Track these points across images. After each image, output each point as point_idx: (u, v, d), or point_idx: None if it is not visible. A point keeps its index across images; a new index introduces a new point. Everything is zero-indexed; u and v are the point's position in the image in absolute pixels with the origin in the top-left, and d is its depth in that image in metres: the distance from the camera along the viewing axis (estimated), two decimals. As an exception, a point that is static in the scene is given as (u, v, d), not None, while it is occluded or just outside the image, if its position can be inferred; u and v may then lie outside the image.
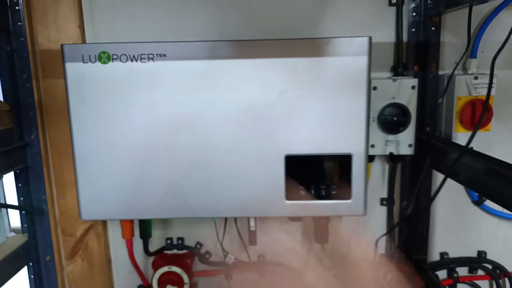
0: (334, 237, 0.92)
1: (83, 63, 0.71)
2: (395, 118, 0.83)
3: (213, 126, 0.73)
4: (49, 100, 0.92)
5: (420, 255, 0.97)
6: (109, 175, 0.74)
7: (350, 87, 0.71)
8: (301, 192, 0.76)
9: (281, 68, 0.71)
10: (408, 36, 0.88)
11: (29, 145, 0.93)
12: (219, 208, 0.76)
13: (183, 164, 0.74)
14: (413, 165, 0.93)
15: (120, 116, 0.72)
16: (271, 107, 0.72)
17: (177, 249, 1.00)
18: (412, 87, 0.82)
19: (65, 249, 0.99)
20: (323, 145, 0.74)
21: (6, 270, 0.89)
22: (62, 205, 0.96)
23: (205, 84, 0.71)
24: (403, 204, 0.96)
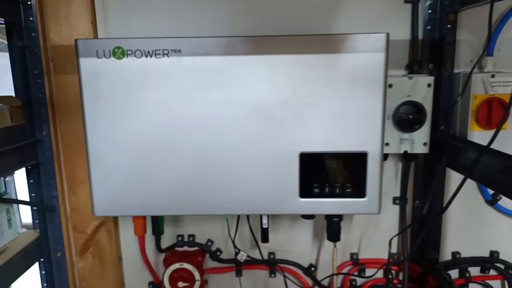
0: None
1: (97, 58, 0.70)
2: (410, 116, 0.82)
3: (227, 123, 0.72)
4: (60, 97, 0.91)
5: (432, 255, 0.96)
6: (122, 172, 0.74)
7: (367, 84, 0.70)
8: (315, 190, 0.75)
9: (297, 65, 0.70)
10: (424, 33, 0.87)
11: (40, 142, 0.93)
12: (232, 205, 0.76)
13: (197, 161, 0.74)
14: (426, 164, 0.92)
15: (134, 112, 0.72)
16: (285, 104, 0.71)
17: (188, 246, 1.00)
18: (428, 85, 0.81)
19: (76, 245, 0.99)
20: (338, 143, 0.73)
21: (18, 265, 0.89)
22: (73, 202, 0.96)
23: (219, 80, 0.71)
24: (416, 203, 0.95)
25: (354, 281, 1.01)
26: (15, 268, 0.88)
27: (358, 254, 0.99)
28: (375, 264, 0.99)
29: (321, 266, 1.01)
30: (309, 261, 1.01)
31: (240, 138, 0.72)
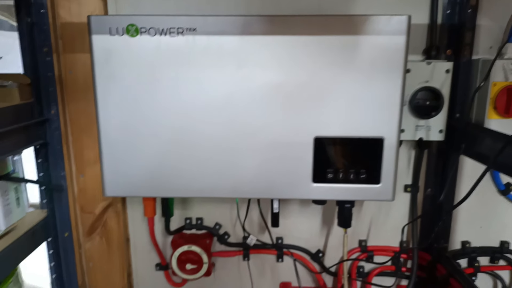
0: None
1: (110, 35, 0.69)
2: (427, 103, 0.80)
3: (241, 104, 0.71)
4: (69, 76, 0.89)
5: (441, 243, 0.95)
6: (134, 152, 0.73)
7: (386, 68, 0.69)
8: (329, 175, 0.74)
9: (314, 46, 0.68)
10: (443, 18, 0.84)
11: (48, 121, 0.92)
12: (243, 188, 0.75)
13: (209, 142, 0.72)
14: (440, 152, 0.90)
15: (146, 91, 0.70)
16: (302, 87, 0.70)
17: (196, 229, 0.99)
18: (447, 70, 0.80)
19: (84, 226, 0.98)
20: (354, 128, 0.72)
21: (26, 244, 0.88)
22: (81, 182, 0.95)
23: (235, 60, 0.69)
24: (428, 191, 0.94)
25: (362, 267, 1.00)
26: (23, 247, 0.87)
27: (367, 241, 0.99)
28: (383, 251, 0.98)
29: (329, 252, 1.00)
30: (317, 246, 1.00)
31: (254, 120, 0.71)
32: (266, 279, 1.03)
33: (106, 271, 1.02)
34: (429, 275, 0.94)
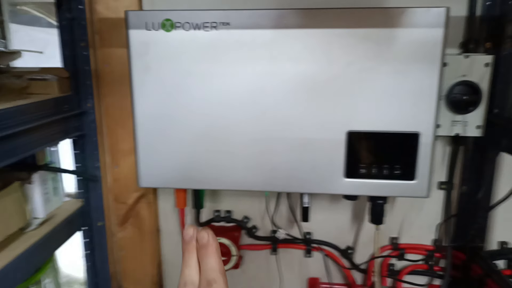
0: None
1: (146, 30, 0.70)
2: (465, 97, 0.78)
3: (274, 97, 0.71)
4: (105, 69, 0.92)
5: (477, 243, 0.93)
6: (168, 144, 0.74)
7: (422, 61, 0.67)
8: (361, 170, 0.73)
9: (349, 39, 0.67)
10: (482, 9, 0.82)
11: (85, 113, 0.95)
12: (274, 182, 0.75)
13: (242, 135, 0.73)
14: (476, 148, 0.87)
15: (181, 85, 0.71)
16: (335, 80, 0.69)
17: (225, 221, 1.00)
18: (486, 64, 0.77)
19: (117, 216, 1.01)
20: (389, 122, 0.70)
21: (63, 233, 0.92)
22: (116, 173, 0.98)
23: (268, 54, 0.69)
24: (463, 188, 0.91)
25: (393, 265, 0.99)
26: (60, 235, 0.91)
27: (398, 238, 0.97)
28: (415, 249, 0.97)
29: (359, 249, 0.99)
30: (347, 243, 1.00)
31: (286, 113, 0.71)
32: (294, 273, 1.03)
33: (137, 260, 1.04)
34: (464, 275, 0.91)
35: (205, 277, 0.37)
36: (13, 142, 0.70)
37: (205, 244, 0.38)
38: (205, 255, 0.38)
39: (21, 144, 0.73)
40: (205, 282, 0.36)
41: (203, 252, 0.38)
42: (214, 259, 0.38)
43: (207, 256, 0.38)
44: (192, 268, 0.38)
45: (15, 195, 0.80)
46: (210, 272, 0.37)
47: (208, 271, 0.37)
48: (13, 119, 0.70)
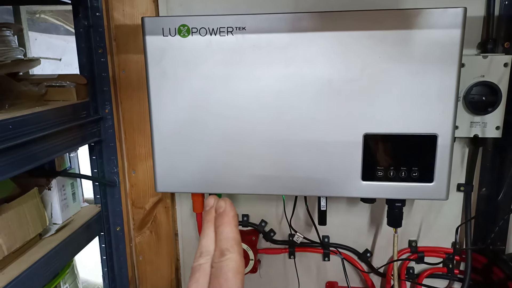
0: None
1: (163, 36, 0.71)
2: (483, 98, 0.77)
3: (291, 101, 0.71)
4: (123, 75, 0.93)
5: (498, 245, 0.91)
6: (185, 149, 0.75)
7: (440, 63, 0.66)
8: (379, 173, 0.72)
9: (366, 41, 0.67)
10: (500, 9, 0.81)
11: (103, 119, 0.96)
12: (291, 186, 0.75)
13: (258, 140, 0.73)
14: (496, 149, 0.86)
15: (198, 90, 0.72)
16: (352, 83, 0.69)
17: (242, 225, 1.00)
18: (505, 64, 0.76)
19: (135, 220, 1.02)
20: (406, 124, 0.70)
21: (82, 238, 0.93)
22: (133, 178, 0.99)
23: (284, 58, 0.69)
24: (482, 191, 0.90)
25: (412, 269, 0.98)
26: (78, 240, 0.92)
27: (417, 241, 0.96)
28: (434, 252, 0.95)
29: (377, 252, 0.98)
30: (365, 246, 0.99)
31: (303, 117, 0.71)
32: (312, 277, 1.03)
33: (155, 265, 1.05)
34: (485, 279, 0.90)
35: (219, 246, 0.36)
36: (31, 149, 0.72)
37: (221, 213, 0.37)
38: (221, 224, 0.37)
39: (39, 151, 0.74)
40: (219, 251, 0.35)
41: (219, 221, 0.37)
42: (229, 228, 0.36)
43: (223, 225, 0.36)
44: (209, 238, 0.37)
45: (33, 201, 0.82)
46: (225, 241, 0.35)
47: (223, 240, 0.36)
48: (31, 126, 0.72)
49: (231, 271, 0.33)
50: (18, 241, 0.75)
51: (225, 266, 0.34)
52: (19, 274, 0.71)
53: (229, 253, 0.34)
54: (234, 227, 0.37)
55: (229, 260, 0.34)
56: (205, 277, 0.34)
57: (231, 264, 0.34)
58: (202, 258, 0.36)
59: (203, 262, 0.35)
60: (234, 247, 0.35)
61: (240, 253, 0.35)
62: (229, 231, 0.36)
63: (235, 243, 0.35)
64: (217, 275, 0.34)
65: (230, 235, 0.36)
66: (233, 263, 0.34)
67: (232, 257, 0.34)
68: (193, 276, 0.35)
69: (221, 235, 0.36)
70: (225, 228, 0.36)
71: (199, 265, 0.35)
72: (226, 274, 0.33)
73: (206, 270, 0.35)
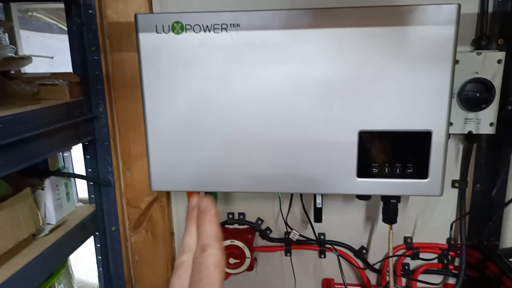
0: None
1: (156, 33, 0.70)
2: (477, 95, 0.77)
3: (286, 99, 0.70)
4: (116, 74, 0.92)
5: (492, 241, 0.91)
6: (179, 147, 0.74)
7: (434, 59, 0.66)
8: (374, 170, 0.73)
9: (360, 38, 0.67)
10: (494, 6, 0.81)
11: (97, 118, 0.95)
12: (287, 183, 0.75)
13: (253, 138, 0.73)
14: (490, 146, 0.87)
15: (192, 88, 0.71)
16: (347, 80, 0.69)
17: (238, 224, 1.00)
18: (498, 61, 0.76)
19: (130, 220, 1.02)
20: (401, 121, 0.70)
21: (76, 238, 0.92)
22: (128, 178, 0.98)
23: (279, 55, 0.69)
24: (477, 187, 0.90)
25: (407, 265, 0.98)
26: (73, 240, 0.91)
27: (413, 238, 0.96)
28: (430, 248, 0.96)
29: (373, 249, 0.99)
30: (360, 243, 0.99)
31: (298, 114, 0.71)
32: (308, 274, 1.03)
33: (151, 264, 1.05)
34: (480, 274, 0.90)
35: (200, 243, 0.37)
36: (23, 148, 0.71)
37: (203, 211, 0.39)
38: (202, 222, 0.38)
39: (31, 150, 0.73)
40: (200, 247, 0.37)
41: (201, 219, 0.38)
42: (210, 225, 0.38)
43: (204, 223, 0.38)
44: (191, 236, 0.39)
45: (26, 201, 0.81)
46: (206, 238, 0.37)
47: (204, 237, 0.37)
48: (23, 125, 0.71)
49: (212, 265, 0.35)
50: (10, 242, 0.74)
51: (206, 261, 0.35)
52: (12, 274, 0.70)
53: (210, 248, 0.36)
54: (215, 224, 0.38)
55: (210, 255, 0.35)
56: (187, 272, 0.36)
57: (212, 258, 0.35)
58: (185, 255, 0.37)
59: (186, 258, 0.37)
60: (215, 243, 0.36)
61: (220, 249, 0.36)
62: (210, 228, 0.38)
63: (216, 239, 0.37)
64: (198, 269, 0.35)
65: (211, 231, 0.37)
66: (214, 257, 0.35)
67: (212, 252, 0.36)
68: (176, 272, 0.36)
69: (203, 232, 0.38)
70: (206, 225, 0.38)
71: (181, 261, 0.37)
72: (207, 268, 0.35)
73: (188, 266, 0.36)
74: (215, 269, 0.35)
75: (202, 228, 0.38)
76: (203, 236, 0.37)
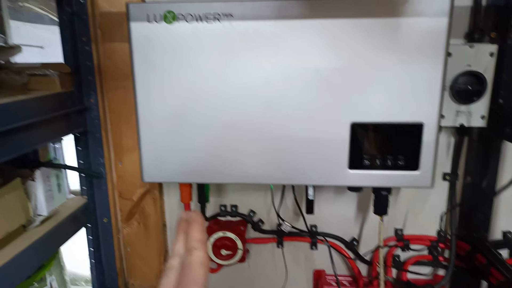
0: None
1: (148, 22, 0.70)
2: (469, 87, 0.78)
3: (278, 90, 0.70)
4: (108, 64, 0.92)
5: (481, 233, 0.92)
6: (171, 138, 0.74)
7: (426, 51, 0.67)
8: (365, 161, 0.73)
9: (353, 29, 0.67)
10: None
11: (88, 109, 0.94)
12: (279, 175, 0.75)
13: (245, 129, 0.73)
14: (481, 139, 0.87)
15: (184, 78, 0.71)
16: (339, 72, 0.69)
17: (231, 216, 1.00)
18: (491, 54, 0.77)
19: (122, 212, 1.01)
20: (392, 113, 0.70)
21: (67, 229, 0.92)
22: (120, 169, 0.98)
23: (272, 46, 0.69)
24: (467, 179, 0.91)
25: (398, 256, 0.99)
26: (64, 231, 0.91)
27: (403, 230, 0.97)
28: (420, 240, 0.97)
29: (364, 241, 0.99)
30: (352, 235, 1.00)
31: (290, 105, 0.71)
32: (300, 266, 1.04)
33: (143, 256, 1.04)
34: (469, 265, 0.91)
35: (188, 246, 0.42)
36: (13, 138, 0.70)
37: (191, 221, 0.45)
38: (190, 230, 0.44)
39: (21, 140, 0.73)
40: (187, 250, 0.42)
41: (189, 228, 0.44)
42: (197, 232, 0.43)
43: (191, 230, 0.43)
44: (180, 243, 0.44)
45: (16, 192, 0.80)
46: (192, 242, 0.42)
47: (191, 241, 0.42)
48: (13, 114, 0.70)
49: (197, 263, 0.40)
50: (0, 232, 0.74)
51: (192, 260, 0.40)
52: (2, 265, 0.70)
53: (196, 250, 0.41)
54: (201, 231, 0.44)
55: (195, 255, 0.41)
56: (174, 274, 0.41)
57: (197, 258, 0.40)
58: (174, 259, 0.42)
59: (174, 262, 0.42)
60: (201, 246, 0.42)
61: (205, 251, 0.42)
62: (196, 234, 0.43)
63: (202, 243, 0.43)
64: (184, 267, 0.40)
65: (197, 237, 0.43)
66: (199, 257, 0.40)
67: (198, 253, 0.41)
68: (165, 274, 0.41)
69: (190, 238, 0.43)
70: (193, 232, 0.44)
71: (170, 265, 0.42)
72: (192, 265, 0.40)
73: (176, 269, 0.41)
74: (200, 266, 0.40)
75: (190, 235, 0.43)
76: (190, 241, 0.43)
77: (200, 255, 0.41)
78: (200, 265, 0.40)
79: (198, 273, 0.39)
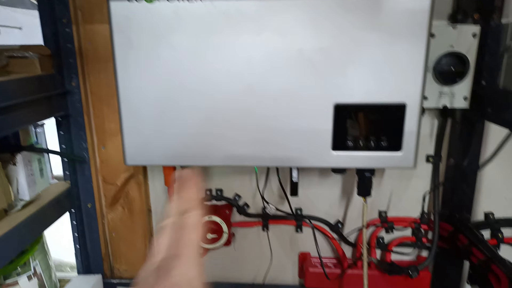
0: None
1: (128, 1, 0.68)
2: (452, 68, 0.78)
3: (261, 70, 0.70)
4: (89, 47, 0.90)
5: (463, 214, 0.94)
6: (153, 120, 0.73)
7: (409, 31, 0.66)
8: (349, 143, 0.73)
9: (335, 9, 0.66)
10: (471, -21, 0.81)
11: (70, 93, 0.93)
12: (262, 157, 0.75)
13: (228, 111, 0.72)
14: (464, 121, 0.88)
15: (165, 59, 0.70)
16: (322, 52, 0.68)
17: (216, 200, 1.00)
18: (473, 35, 0.77)
19: (106, 197, 1.00)
20: (375, 94, 0.70)
21: (50, 214, 0.91)
22: (103, 154, 0.97)
23: (254, 25, 0.68)
24: (450, 161, 0.92)
25: (381, 238, 1.00)
26: (46, 215, 0.90)
27: (387, 212, 0.98)
28: (404, 222, 0.98)
29: (348, 223, 1.00)
30: (336, 217, 1.00)
31: (273, 86, 0.70)
32: (285, 249, 1.04)
33: (128, 241, 1.04)
34: (451, 245, 0.93)
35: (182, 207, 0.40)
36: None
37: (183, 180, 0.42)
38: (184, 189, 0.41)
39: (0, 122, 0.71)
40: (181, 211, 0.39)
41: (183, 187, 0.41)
42: (191, 191, 0.41)
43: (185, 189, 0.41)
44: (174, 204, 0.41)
45: (-3, 176, 0.79)
46: (186, 203, 0.40)
47: (185, 202, 0.40)
48: (-8, 96, 0.68)
49: (191, 225, 0.37)
50: (-19, 217, 0.73)
51: (185, 222, 0.38)
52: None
53: (189, 211, 0.38)
54: (196, 190, 0.41)
55: (189, 216, 0.38)
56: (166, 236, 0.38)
57: (190, 220, 0.38)
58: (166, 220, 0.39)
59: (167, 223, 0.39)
60: (194, 206, 0.39)
61: (199, 212, 0.39)
62: (190, 194, 0.40)
63: (195, 204, 0.39)
64: (178, 228, 0.38)
65: (191, 197, 0.40)
66: (193, 219, 0.38)
67: (192, 214, 0.38)
68: (158, 234, 0.38)
69: (184, 198, 0.40)
70: (187, 192, 0.41)
71: (162, 226, 0.39)
72: (186, 227, 0.37)
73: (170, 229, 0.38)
74: (193, 229, 0.37)
75: (183, 194, 0.41)
76: (184, 202, 0.40)
77: (195, 215, 0.39)
78: (194, 227, 0.38)
79: (191, 236, 0.37)
